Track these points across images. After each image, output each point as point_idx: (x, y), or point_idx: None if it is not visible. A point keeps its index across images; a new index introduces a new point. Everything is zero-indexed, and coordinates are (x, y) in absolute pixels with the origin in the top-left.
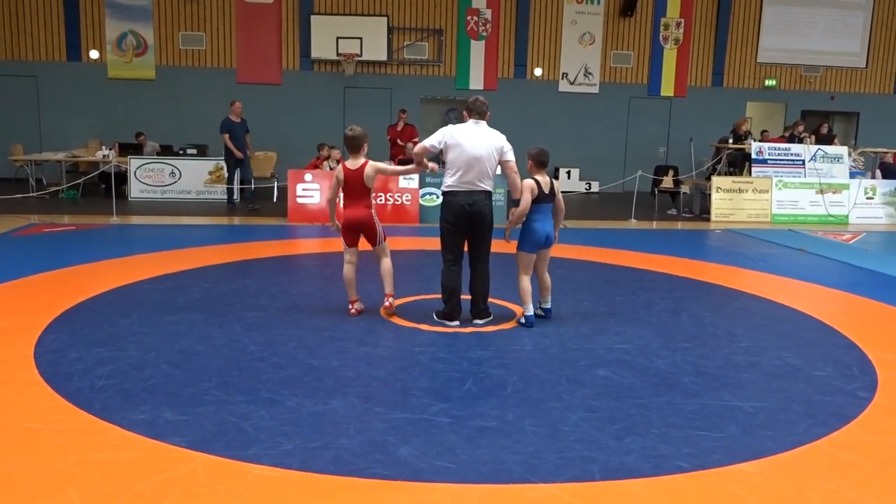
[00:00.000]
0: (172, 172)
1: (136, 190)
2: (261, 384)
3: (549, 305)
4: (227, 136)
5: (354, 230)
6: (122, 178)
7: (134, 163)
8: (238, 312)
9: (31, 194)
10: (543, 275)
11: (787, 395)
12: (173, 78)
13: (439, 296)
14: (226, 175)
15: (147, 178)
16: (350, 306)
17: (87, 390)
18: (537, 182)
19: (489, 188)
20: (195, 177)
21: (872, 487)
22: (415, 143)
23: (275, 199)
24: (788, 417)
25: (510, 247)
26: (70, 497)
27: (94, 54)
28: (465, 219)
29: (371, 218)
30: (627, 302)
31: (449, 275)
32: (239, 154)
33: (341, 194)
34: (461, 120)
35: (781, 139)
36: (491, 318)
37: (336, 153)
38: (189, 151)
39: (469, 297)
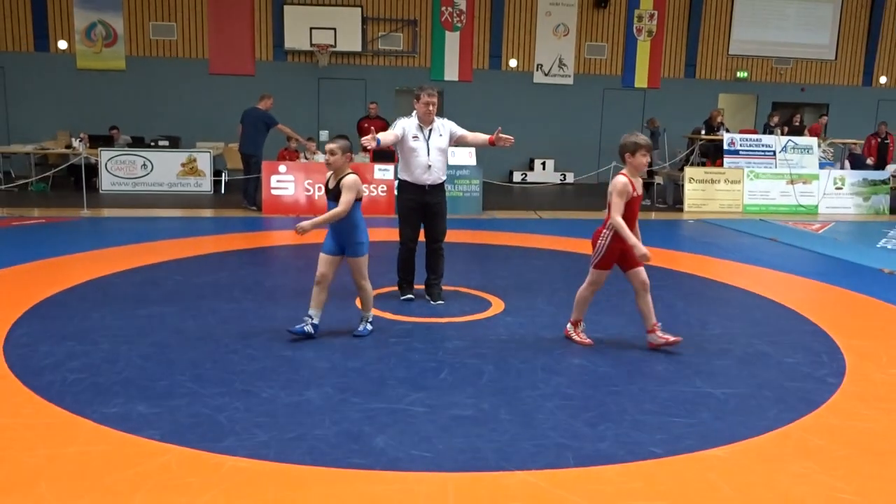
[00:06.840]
0: (144, 164)
1: (106, 182)
2: (235, 376)
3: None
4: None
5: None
6: (92, 170)
7: (105, 155)
8: (212, 305)
9: None
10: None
11: (758, 382)
12: (144, 69)
13: (422, 286)
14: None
15: (118, 170)
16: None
17: (58, 384)
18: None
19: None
20: (167, 169)
21: (840, 470)
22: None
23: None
24: (759, 403)
25: None
26: (41, 492)
27: (62, 44)
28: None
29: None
30: (602, 291)
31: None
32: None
33: None
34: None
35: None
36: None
37: (312, 145)
38: (161, 143)
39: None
